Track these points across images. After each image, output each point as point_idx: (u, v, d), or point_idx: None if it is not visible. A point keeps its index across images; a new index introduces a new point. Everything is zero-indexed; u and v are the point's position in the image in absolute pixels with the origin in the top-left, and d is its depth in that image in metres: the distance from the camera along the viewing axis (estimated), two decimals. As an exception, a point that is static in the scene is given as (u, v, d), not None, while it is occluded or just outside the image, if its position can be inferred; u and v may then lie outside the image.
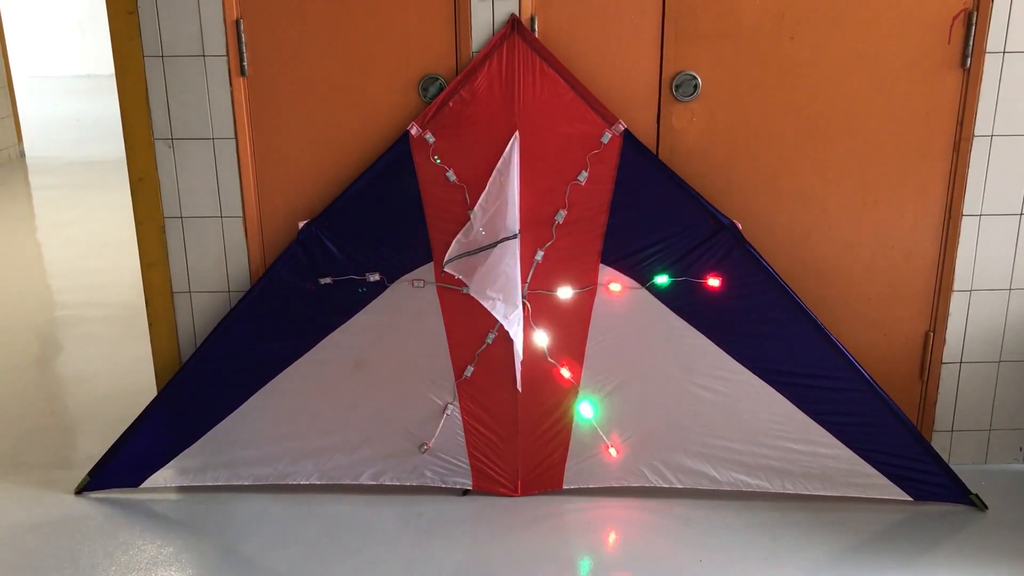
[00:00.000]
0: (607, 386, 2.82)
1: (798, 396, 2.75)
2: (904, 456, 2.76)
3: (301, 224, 2.76)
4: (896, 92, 2.73)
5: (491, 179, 2.64)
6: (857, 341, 2.88)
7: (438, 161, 2.65)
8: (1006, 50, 2.69)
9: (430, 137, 2.68)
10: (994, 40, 2.68)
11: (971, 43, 2.68)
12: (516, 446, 2.86)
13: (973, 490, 2.83)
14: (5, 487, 3.04)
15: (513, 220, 2.63)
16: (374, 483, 2.91)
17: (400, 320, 2.81)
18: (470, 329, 2.79)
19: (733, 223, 2.68)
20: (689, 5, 2.67)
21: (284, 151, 2.82)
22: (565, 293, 2.76)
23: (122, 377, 3.83)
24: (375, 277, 2.77)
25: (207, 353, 2.83)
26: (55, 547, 2.72)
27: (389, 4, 2.69)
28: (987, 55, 2.69)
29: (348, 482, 2.91)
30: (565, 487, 2.91)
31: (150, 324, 2.97)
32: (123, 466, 2.92)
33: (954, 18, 2.67)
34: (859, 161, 2.79)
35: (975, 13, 2.65)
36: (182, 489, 2.95)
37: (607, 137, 2.65)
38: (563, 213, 2.69)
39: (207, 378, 2.85)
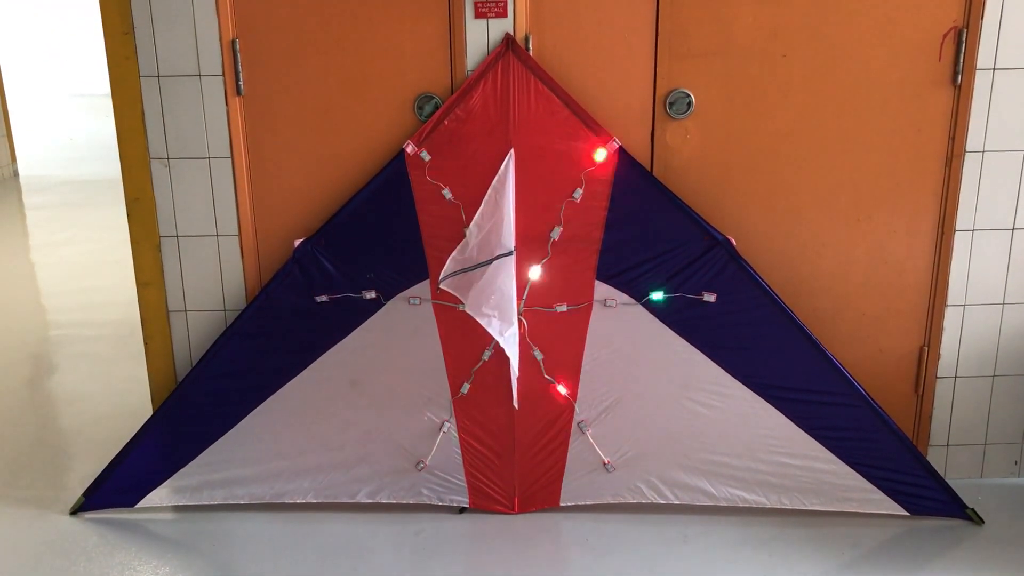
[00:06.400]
0: (603, 402, 2.82)
1: (794, 411, 2.75)
2: (900, 471, 2.77)
3: (297, 242, 2.77)
4: (888, 109, 2.75)
5: (486, 196, 2.65)
6: (852, 356, 2.88)
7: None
8: (996, 67, 2.71)
9: (425, 155, 2.69)
10: (984, 57, 2.70)
11: (962, 60, 2.70)
12: (513, 463, 2.86)
13: (969, 504, 2.83)
14: (-1, 508, 3.03)
15: (509, 237, 2.64)
16: (371, 501, 2.90)
17: (396, 338, 2.81)
18: (466, 346, 2.79)
19: (727, 239, 2.69)
20: (682, 23, 2.69)
21: (280, 170, 2.83)
22: (561, 309, 2.77)
23: (117, 397, 3.82)
24: (371, 295, 2.78)
25: (203, 372, 2.83)
26: (51, 568, 2.70)
27: (385, 23, 2.70)
28: (977, 72, 2.71)
29: (345, 500, 2.90)
30: (562, 504, 2.91)
31: (146, 343, 2.97)
32: (119, 486, 2.91)
33: (944, 35, 2.70)
34: (852, 177, 2.81)
35: (965, 30, 2.68)
36: (178, 508, 2.94)
37: (602, 154, 2.66)
38: (558, 230, 2.71)
39: (203, 397, 2.84)
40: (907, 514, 2.82)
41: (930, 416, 3.02)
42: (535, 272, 2.74)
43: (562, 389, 2.81)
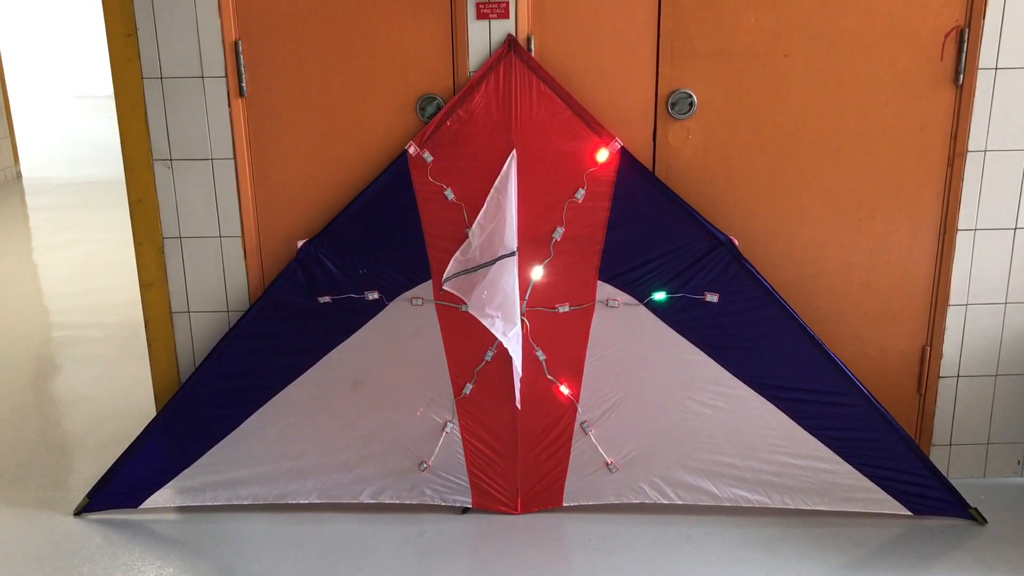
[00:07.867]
0: (606, 403, 2.82)
1: (797, 411, 2.75)
2: (903, 470, 2.77)
3: (300, 243, 2.78)
4: (890, 109, 2.75)
5: (489, 197, 2.66)
6: (854, 356, 2.89)
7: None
8: (998, 66, 2.71)
9: (428, 156, 2.69)
10: (986, 56, 2.70)
11: (963, 60, 2.70)
12: (515, 463, 2.86)
13: (972, 504, 2.83)
14: (3, 509, 3.03)
15: (511, 238, 2.64)
16: (374, 502, 2.90)
17: (399, 338, 2.81)
18: (469, 347, 2.80)
19: (730, 239, 2.69)
20: (684, 24, 2.69)
21: (283, 171, 2.84)
22: (563, 310, 2.77)
23: (120, 397, 3.82)
24: (374, 296, 2.78)
25: (206, 373, 2.83)
26: (54, 569, 2.71)
27: (387, 25, 2.71)
28: (979, 71, 2.71)
29: (348, 501, 2.90)
30: (565, 504, 2.91)
31: (149, 344, 2.98)
32: (122, 487, 2.91)
33: (946, 35, 2.70)
34: (854, 177, 2.81)
35: (967, 30, 2.68)
36: (182, 509, 2.95)
37: (604, 155, 2.66)
38: (561, 230, 2.71)
39: (206, 398, 2.85)
40: (910, 514, 2.82)
41: (933, 415, 3.01)
42: (537, 272, 2.74)
43: (565, 389, 2.82)
